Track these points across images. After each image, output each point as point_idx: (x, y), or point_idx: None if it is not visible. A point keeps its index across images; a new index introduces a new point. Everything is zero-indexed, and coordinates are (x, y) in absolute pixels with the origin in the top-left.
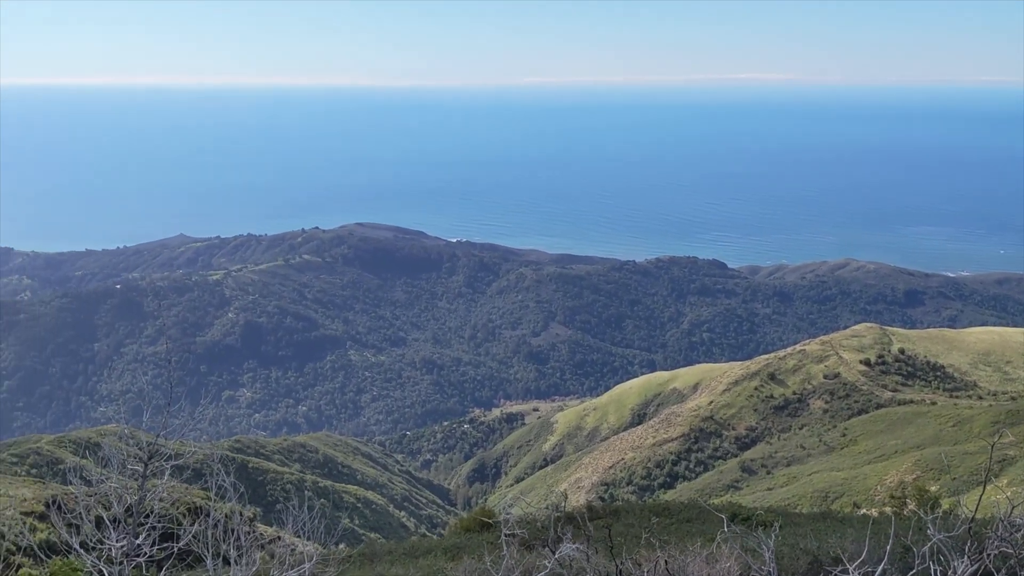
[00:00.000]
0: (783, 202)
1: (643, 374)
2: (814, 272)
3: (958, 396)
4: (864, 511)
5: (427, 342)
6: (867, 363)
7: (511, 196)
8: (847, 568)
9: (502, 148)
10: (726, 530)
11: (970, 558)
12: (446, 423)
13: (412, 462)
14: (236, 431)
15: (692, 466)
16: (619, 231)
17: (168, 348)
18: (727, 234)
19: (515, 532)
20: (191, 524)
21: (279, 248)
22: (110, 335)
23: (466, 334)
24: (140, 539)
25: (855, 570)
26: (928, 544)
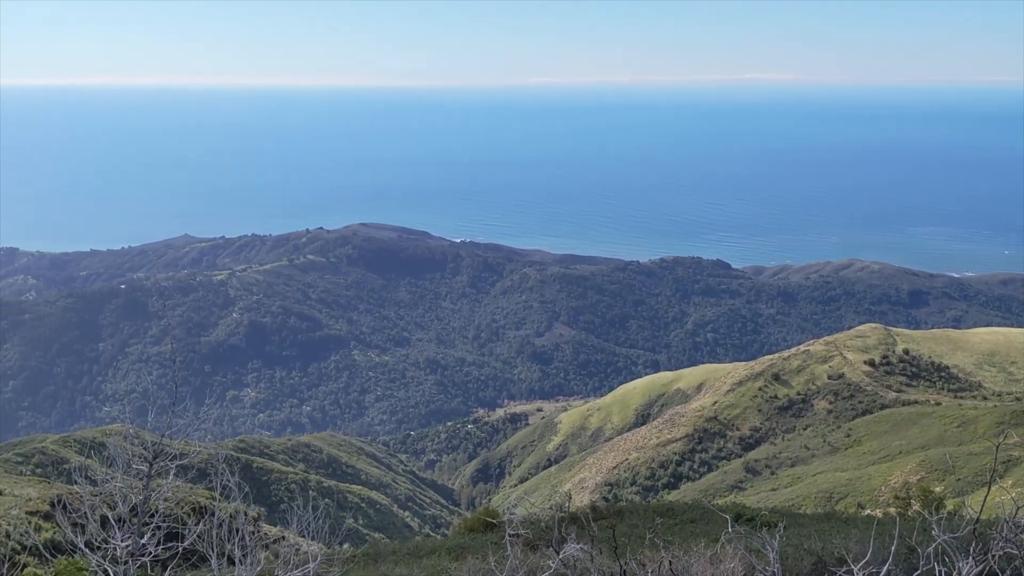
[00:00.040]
0: (787, 202)
1: (647, 374)
2: (818, 272)
3: (963, 397)
4: (868, 512)
5: (431, 342)
6: (871, 364)
7: (515, 196)
8: (851, 569)
9: (506, 148)
10: (730, 531)
11: (975, 559)
12: (450, 423)
13: (416, 462)
14: (240, 431)
15: (696, 466)
16: (623, 231)
17: (173, 348)
18: (731, 234)
19: (519, 532)
20: (196, 524)
21: (283, 248)
22: (115, 335)
23: (470, 334)
24: (145, 539)
25: (859, 571)
26: (933, 545)
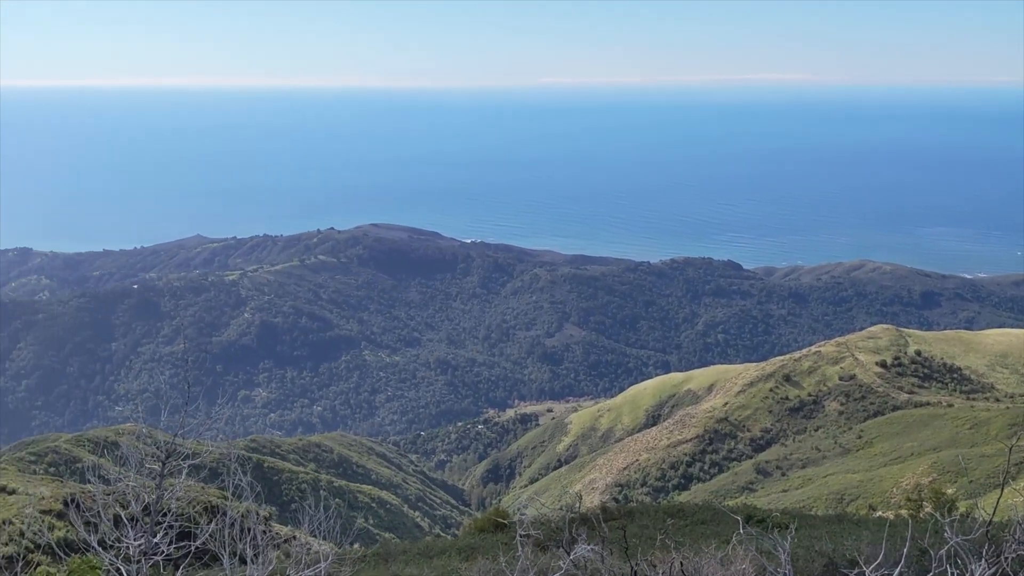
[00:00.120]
0: (797, 203)
1: (658, 375)
2: (829, 273)
3: (975, 398)
4: (880, 513)
5: (441, 342)
6: (883, 365)
7: (525, 197)
8: (863, 571)
9: (515, 149)
10: (741, 532)
11: (987, 561)
12: (460, 423)
13: (426, 462)
14: (252, 431)
15: (707, 467)
16: (633, 232)
17: (185, 348)
18: (742, 235)
19: (530, 533)
20: (208, 523)
21: (295, 249)
22: (127, 335)
23: (480, 335)
24: (157, 538)
25: (871, 573)
26: (945, 547)
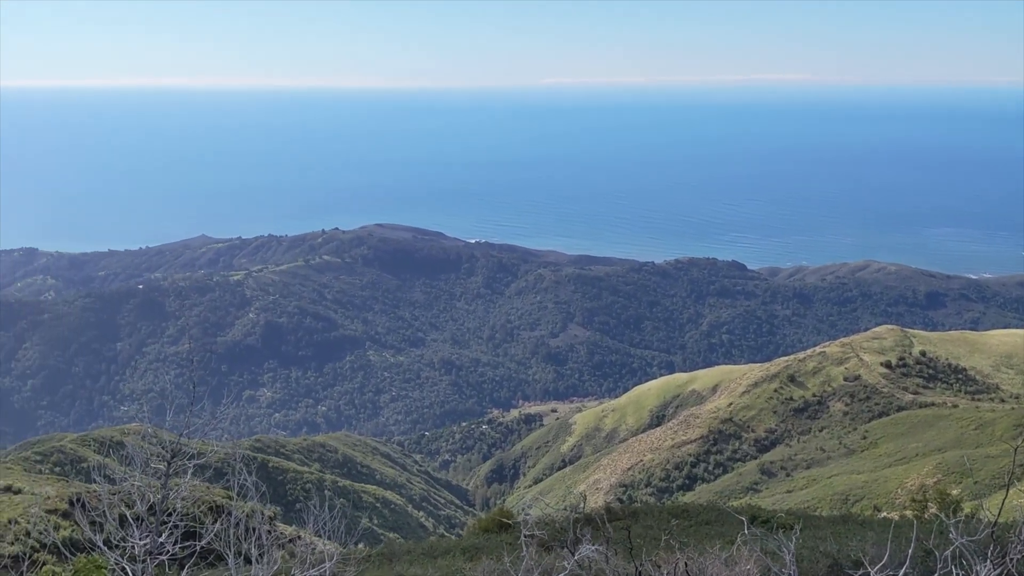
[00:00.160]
0: (801, 203)
1: (662, 375)
2: (834, 274)
3: (980, 399)
4: (885, 514)
5: (446, 343)
6: (888, 365)
7: (529, 197)
8: (868, 572)
9: (520, 149)
10: (746, 532)
11: (993, 562)
12: (464, 424)
13: (431, 462)
14: (256, 431)
15: (711, 468)
16: (637, 232)
17: (190, 348)
18: (746, 235)
19: (534, 533)
20: (213, 523)
21: (299, 249)
22: (132, 335)
23: (484, 335)
24: (163, 537)
25: (876, 573)
26: (950, 548)
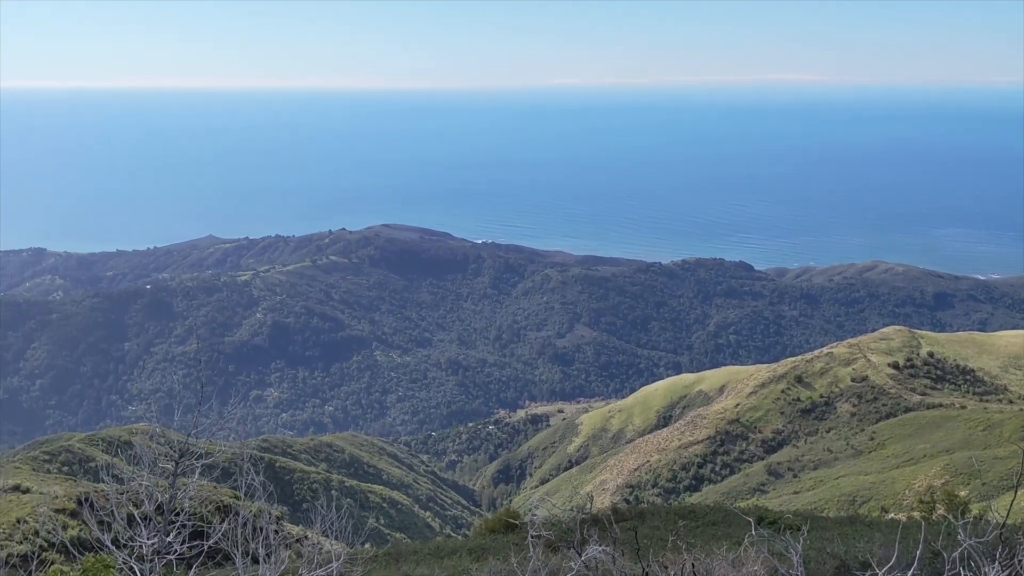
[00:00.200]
0: (808, 203)
1: (669, 376)
2: (842, 274)
3: (988, 400)
4: (892, 516)
5: (452, 343)
6: (895, 366)
7: (536, 197)
8: (876, 573)
9: (526, 149)
10: (753, 533)
11: (1001, 564)
12: (471, 424)
13: (437, 463)
14: (264, 430)
15: (718, 469)
16: (644, 232)
17: (197, 348)
18: (753, 236)
19: (541, 533)
20: (220, 523)
21: (306, 249)
22: (140, 335)
23: (491, 335)
24: (170, 537)
25: (883, 575)
26: (958, 550)
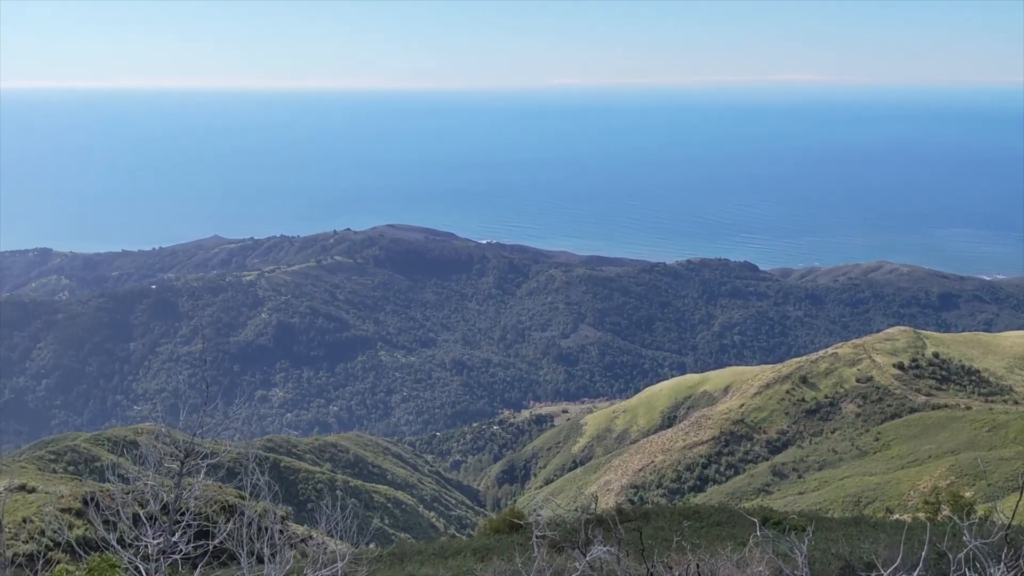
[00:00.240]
0: (812, 203)
1: (673, 376)
2: (846, 275)
3: (993, 401)
4: (897, 516)
5: (457, 343)
6: (900, 367)
7: (540, 198)
8: (881, 574)
9: (529, 150)
10: (758, 534)
11: (1006, 565)
12: (475, 424)
13: (442, 463)
14: (268, 430)
15: (722, 469)
16: (648, 233)
17: (203, 348)
18: (757, 236)
19: (545, 534)
20: (225, 522)
21: (311, 249)
22: (146, 335)
23: (496, 335)
24: (176, 537)
25: None
26: (964, 551)
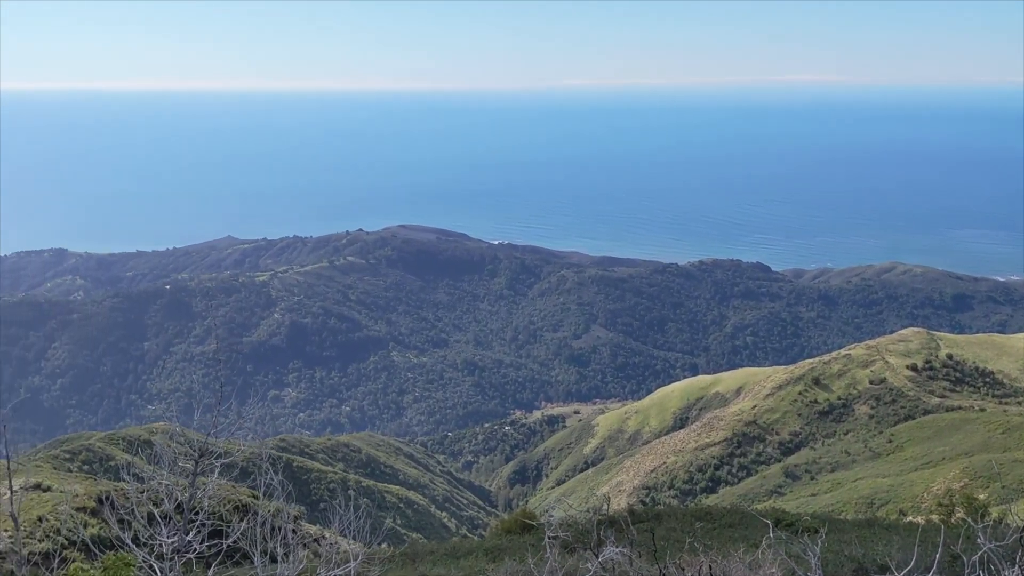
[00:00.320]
0: (823, 204)
1: (685, 377)
2: (860, 276)
3: (1008, 402)
4: (911, 519)
5: (469, 344)
6: (914, 368)
7: (552, 198)
8: None
9: (543, 150)
10: (770, 536)
11: (1021, 567)
12: (487, 425)
13: (453, 463)
14: (281, 430)
15: (735, 471)
16: (660, 233)
17: (216, 348)
18: (770, 237)
19: (557, 534)
20: (239, 522)
21: (324, 250)
22: (160, 335)
23: (507, 336)
24: (190, 536)
25: None
26: (978, 553)
